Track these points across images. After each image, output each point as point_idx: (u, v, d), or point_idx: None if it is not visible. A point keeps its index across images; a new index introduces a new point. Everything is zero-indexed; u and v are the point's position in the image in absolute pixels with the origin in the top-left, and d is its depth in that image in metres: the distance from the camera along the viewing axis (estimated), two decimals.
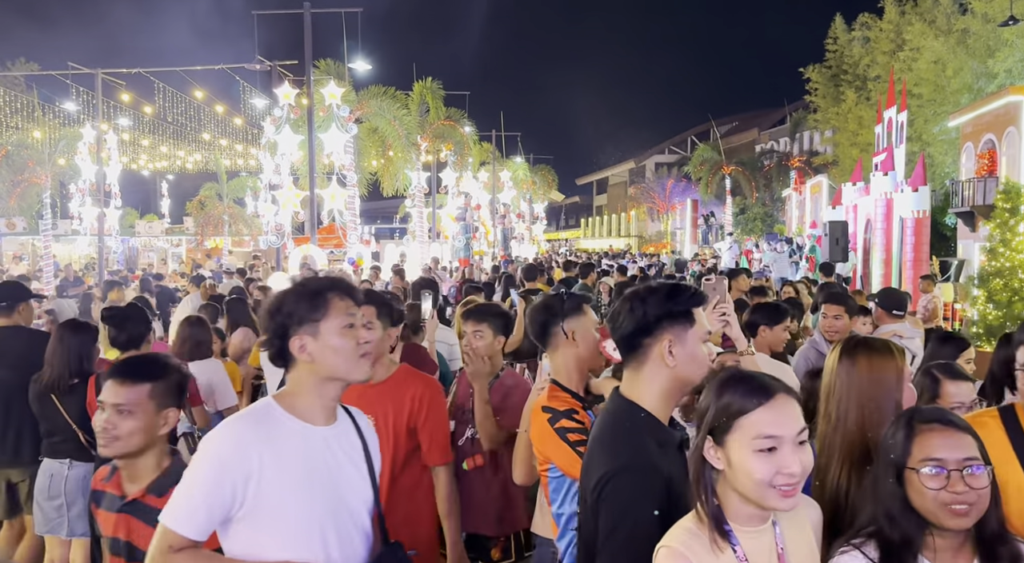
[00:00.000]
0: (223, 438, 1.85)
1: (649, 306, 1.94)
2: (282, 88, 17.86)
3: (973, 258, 16.07)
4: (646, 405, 1.93)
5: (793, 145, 36.47)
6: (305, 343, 1.91)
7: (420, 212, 22.44)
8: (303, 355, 1.91)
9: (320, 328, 1.90)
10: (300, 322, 1.90)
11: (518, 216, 39.69)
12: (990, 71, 17.72)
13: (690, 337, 1.93)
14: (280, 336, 1.92)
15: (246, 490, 1.80)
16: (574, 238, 69.05)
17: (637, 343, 1.94)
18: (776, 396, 1.59)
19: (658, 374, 1.93)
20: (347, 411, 2.08)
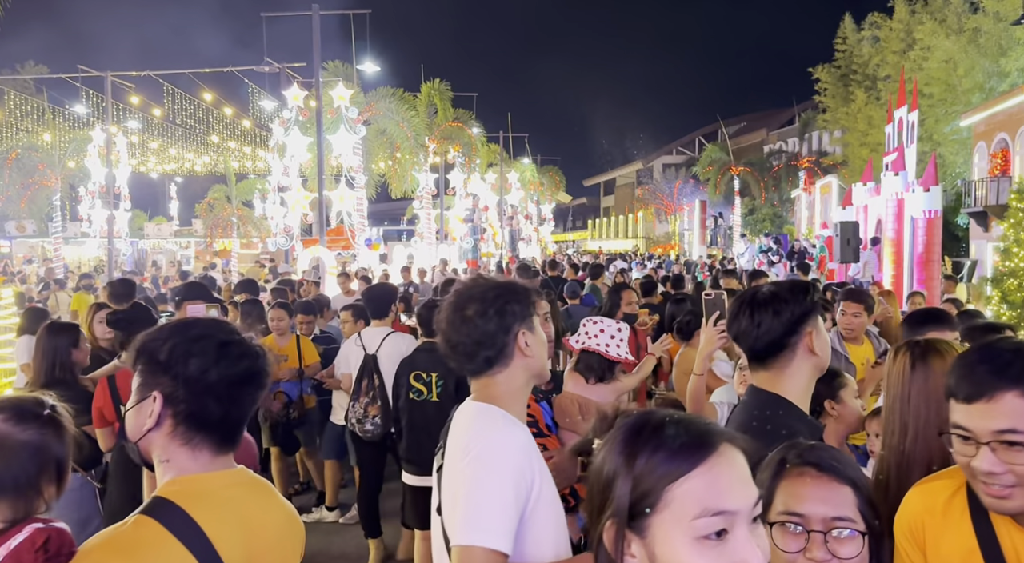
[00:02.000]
0: (507, 446, 1.77)
1: (795, 306, 2.00)
2: (291, 90, 17.88)
3: (986, 258, 15.95)
4: (792, 397, 1.99)
5: (802, 145, 36.33)
6: (527, 338, 1.89)
7: (428, 214, 22.43)
8: (527, 350, 1.89)
9: (533, 322, 1.92)
10: (523, 317, 1.89)
11: (526, 217, 39.66)
12: (1002, 70, 17.60)
13: (821, 325, 2.04)
14: (505, 332, 1.87)
15: (530, 494, 1.76)
16: (581, 239, 68.97)
17: (784, 343, 1.99)
18: (719, 448, 1.03)
19: (804, 367, 2.01)
20: None
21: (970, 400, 1.41)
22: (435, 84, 23.35)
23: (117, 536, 1.32)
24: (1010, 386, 1.38)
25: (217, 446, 1.45)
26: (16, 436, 1.47)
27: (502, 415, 1.84)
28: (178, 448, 1.43)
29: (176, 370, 1.41)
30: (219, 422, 1.44)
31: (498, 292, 1.89)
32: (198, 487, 1.41)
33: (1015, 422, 1.36)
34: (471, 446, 1.75)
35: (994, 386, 1.39)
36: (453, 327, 1.89)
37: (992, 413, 1.38)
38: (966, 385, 1.42)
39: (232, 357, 1.44)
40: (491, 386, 1.89)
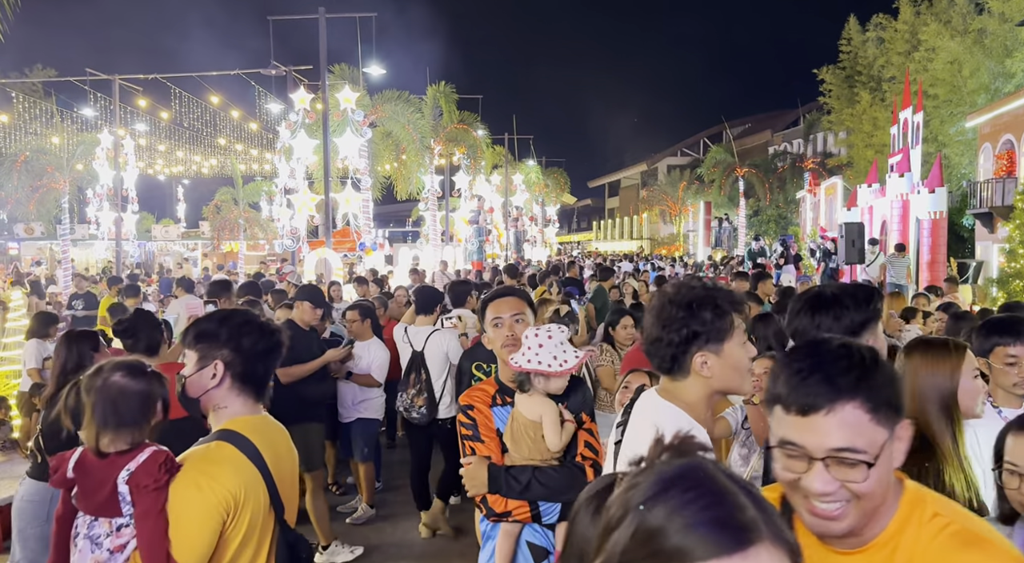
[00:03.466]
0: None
1: (855, 313, 2.09)
2: (297, 93, 17.99)
3: (991, 260, 15.93)
4: None
5: (807, 147, 36.28)
6: (707, 359, 1.89)
7: (433, 215, 22.51)
8: (704, 371, 1.90)
9: (721, 346, 1.90)
10: (707, 340, 1.88)
11: (531, 219, 39.70)
12: (1007, 71, 17.57)
13: (881, 334, 2.11)
14: (682, 352, 1.90)
15: None
16: (586, 241, 68.96)
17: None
18: (753, 546, 0.78)
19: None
20: None
21: (804, 413, 1.21)
22: (440, 87, 23.43)
23: (207, 452, 1.98)
24: (849, 397, 1.20)
25: (257, 396, 2.14)
26: (132, 387, 2.06)
27: (688, 421, 1.88)
28: (235, 398, 2.10)
29: (233, 343, 2.08)
30: (261, 379, 2.14)
31: (687, 311, 1.88)
32: (251, 424, 2.08)
33: (853, 439, 1.19)
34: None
35: (832, 397, 1.21)
36: (647, 327, 1.98)
37: (828, 427, 1.20)
38: (798, 395, 1.23)
39: (267, 334, 2.15)
40: (672, 389, 1.95)
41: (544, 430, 2.58)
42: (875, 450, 1.21)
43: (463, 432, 2.67)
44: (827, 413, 1.21)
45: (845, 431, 1.20)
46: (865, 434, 1.21)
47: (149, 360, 3.92)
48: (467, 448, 2.64)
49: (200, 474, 1.91)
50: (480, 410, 2.69)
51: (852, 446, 1.20)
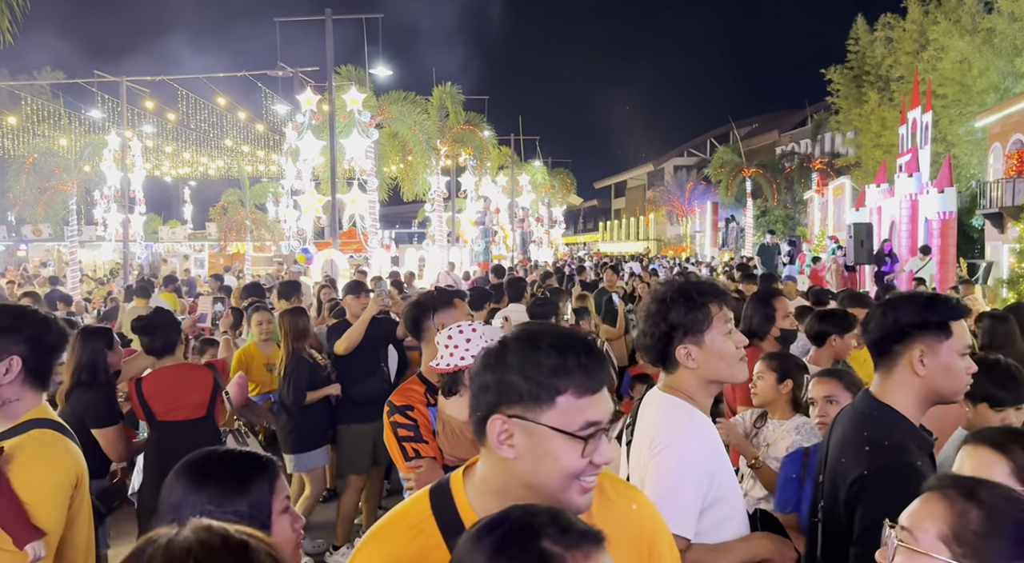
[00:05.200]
0: (691, 443, 1.93)
1: (901, 314, 1.98)
2: (304, 94, 18.00)
3: (1002, 260, 15.82)
4: (900, 409, 1.97)
5: (815, 147, 36.16)
6: (690, 350, 1.98)
7: (439, 216, 22.48)
8: (689, 362, 1.98)
9: (702, 336, 1.97)
10: (687, 331, 1.97)
11: (537, 220, 39.68)
12: (1017, 70, 17.47)
13: (944, 349, 1.94)
14: (664, 343, 2.00)
15: (711, 482, 1.91)
16: (592, 242, 68.91)
17: (886, 349, 1.99)
18: None
19: (908, 381, 1.96)
20: None
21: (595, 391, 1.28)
22: (446, 87, 23.42)
23: (42, 438, 2.15)
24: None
25: (43, 388, 2.28)
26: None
27: (688, 410, 1.98)
28: (28, 391, 2.22)
29: (31, 340, 2.20)
30: (47, 373, 2.28)
31: (660, 304, 1.99)
32: (48, 411, 2.27)
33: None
34: (658, 441, 1.93)
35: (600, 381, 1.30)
36: (638, 323, 2.09)
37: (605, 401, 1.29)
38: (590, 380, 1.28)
39: (60, 332, 2.30)
40: (671, 380, 2.04)
41: None
42: None
43: (403, 433, 2.62)
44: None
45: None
46: None
47: (163, 360, 3.96)
48: (410, 450, 2.60)
49: (45, 457, 2.12)
50: (420, 411, 2.67)
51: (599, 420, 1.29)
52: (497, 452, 1.28)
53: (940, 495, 1.29)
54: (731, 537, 1.96)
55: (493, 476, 1.32)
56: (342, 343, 5.25)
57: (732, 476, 2.03)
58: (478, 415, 1.30)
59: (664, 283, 2.11)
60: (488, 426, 1.28)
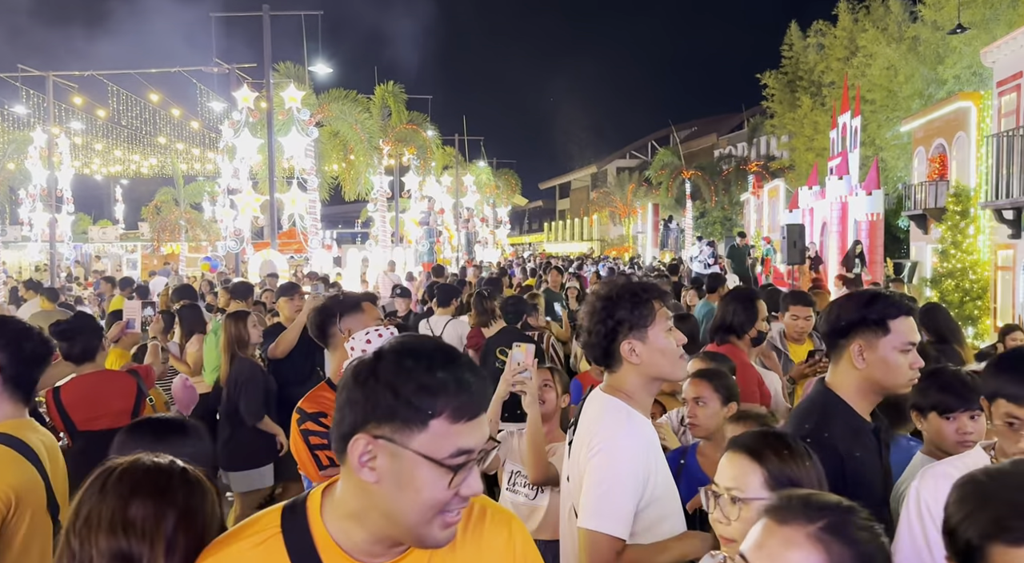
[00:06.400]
0: (628, 445, 1.97)
1: (844, 311, 2.12)
2: (241, 91, 17.59)
3: (925, 260, 16.50)
4: (844, 397, 2.11)
5: (751, 150, 37.07)
6: (634, 346, 2.03)
7: (383, 216, 22.27)
8: (632, 358, 2.03)
9: (645, 332, 2.03)
10: (631, 327, 2.02)
11: (482, 220, 39.66)
12: (940, 77, 18.20)
13: (882, 344, 2.05)
14: (609, 340, 2.04)
15: (647, 483, 1.96)
16: (538, 242, 69.24)
17: (833, 343, 2.15)
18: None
19: (850, 373, 2.10)
20: None
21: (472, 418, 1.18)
22: (389, 86, 23.22)
23: None
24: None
25: (25, 401, 2.18)
26: None
27: (627, 411, 2.02)
28: (6, 402, 2.12)
29: (10, 349, 2.12)
30: (30, 384, 2.20)
31: (606, 301, 2.04)
32: (23, 426, 2.14)
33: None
34: (595, 443, 1.97)
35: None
36: (581, 325, 2.13)
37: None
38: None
39: (42, 342, 2.24)
40: (613, 380, 2.08)
41: None
42: None
43: (316, 441, 2.54)
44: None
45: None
46: None
47: (82, 367, 3.80)
48: (323, 458, 2.52)
49: None
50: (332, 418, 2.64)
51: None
52: (357, 475, 1.16)
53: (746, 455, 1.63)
54: (667, 536, 2.00)
55: (351, 499, 1.21)
56: (277, 346, 5.14)
57: (668, 476, 2.07)
58: (340, 432, 1.18)
59: (606, 282, 2.15)
60: (350, 445, 1.16)
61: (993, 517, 1.17)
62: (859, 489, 1.92)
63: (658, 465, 2.03)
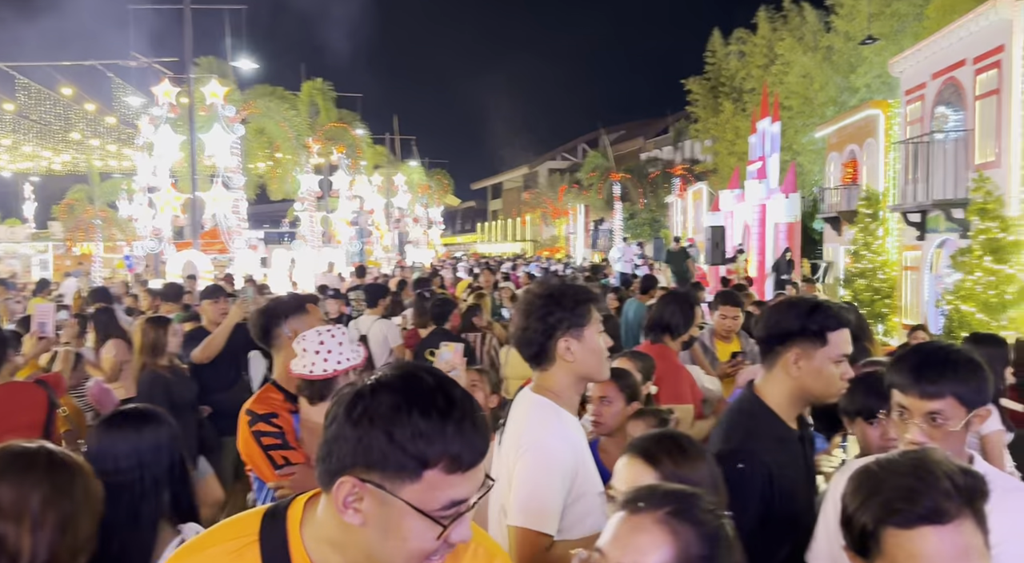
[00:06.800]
0: (555, 444, 2.00)
1: (784, 318, 2.14)
2: (161, 86, 16.99)
3: (839, 261, 17.23)
4: (771, 402, 2.14)
5: (676, 153, 37.95)
6: (570, 345, 2.06)
7: (311, 216, 21.86)
8: (567, 356, 2.06)
9: (581, 331, 2.07)
10: (568, 326, 2.06)
11: (414, 221, 39.38)
12: (852, 86, 19.06)
13: (819, 355, 2.08)
14: (546, 337, 2.06)
15: (575, 478, 1.99)
16: (470, 243, 69.19)
17: (769, 348, 2.16)
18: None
19: (783, 380, 2.13)
20: None
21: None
22: (317, 83, 22.81)
23: None
24: None
25: None
26: None
27: (554, 410, 2.07)
28: None
29: None
30: None
31: (546, 299, 2.08)
32: None
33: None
34: (523, 442, 2.01)
35: None
36: (514, 322, 2.16)
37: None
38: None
39: None
40: (543, 379, 2.11)
41: None
42: None
43: (269, 442, 2.55)
44: None
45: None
46: None
47: None
48: (279, 458, 2.53)
49: None
50: (284, 418, 2.61)
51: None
52: (340, 515, 1.10)
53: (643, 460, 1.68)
54: (593, 531, 2.02)
55: (332, 529, 1.15)
56: (201, 351, 4.96)
57: (595, 472, 2.11)
58: (327, 467, 1.11)
59: (543, 281, 2.19)
60: (336, 486, 1.09)
61: (884, 502, 1.24)
62: (786, 501, 2.04)
63: (585, 462, 2.07)
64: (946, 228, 11.87)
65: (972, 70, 11.29)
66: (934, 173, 11.99)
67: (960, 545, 1.20)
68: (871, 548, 1.26)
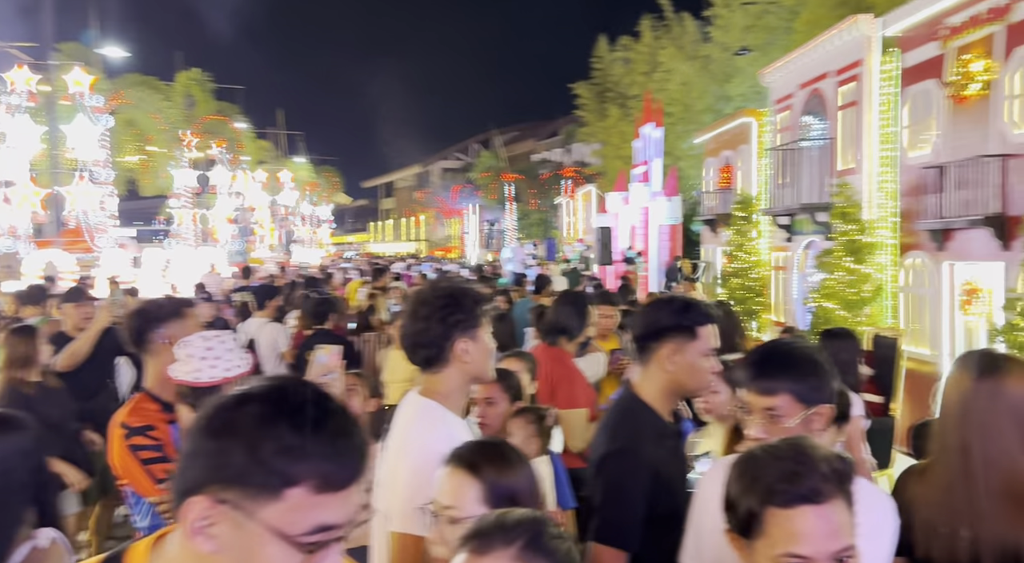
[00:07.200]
0: (439, 449, 1.90)
1: (659, 316, 2.23)
2: (19, 72, 15.71)
3: (716, 261, 18.04)
4: (648, 399, 2.21)
5: (567, 156, 38.72)
6: (467, 346, 2.05)
7: (187, 213, 20.79)
8: (464, 357, 2.05)
9: (477, 332, 2.07)
10: (465, 327, 2.05)
11: (301, 219, 38.27)
12: (727, 94, 20.03)
13: (690, 349, 2.16)
14: (445, 338, 2.04)
15: None
16: (362, 242, 67.99)
17: (644, 345, 2.22)
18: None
19: (658, 376, 2.20)
20: None
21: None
22: (194, 73, 21.71)
23: None
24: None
25: None
26: None
27: (441, 413, 2.05)
28: None
29: None
30: None
31: (446, 300, 2.06)
32: None
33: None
34: (407, 448, 2.00)
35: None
36: (405, 324, 2.12)
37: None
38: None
39: None
40: (432, 382, 2.09)
41: None
42: None
43: (147, 456, 2.44)
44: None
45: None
46: None
47: None
48: (159, 472, 2.42)
49: None
50: (162, 429, 2.51)
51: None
52: (189, 540, 0.96)
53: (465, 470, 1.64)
54: None
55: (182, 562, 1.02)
56: (65, 358, 4.65)
57: None
58: (179, 486, 0.97)
59: (430, 285, 2.19)
60: (185, 505, 0.96)
61: (767, 484, 1.32)
62: (668, 496, 2.14)
63: None
64: (812, 230, 12.64)
65: (835, 82, 12.08)
66: (801, 179, 12.75)
67: (834, 523, 1.29)
68: (753, 528, 1.33)
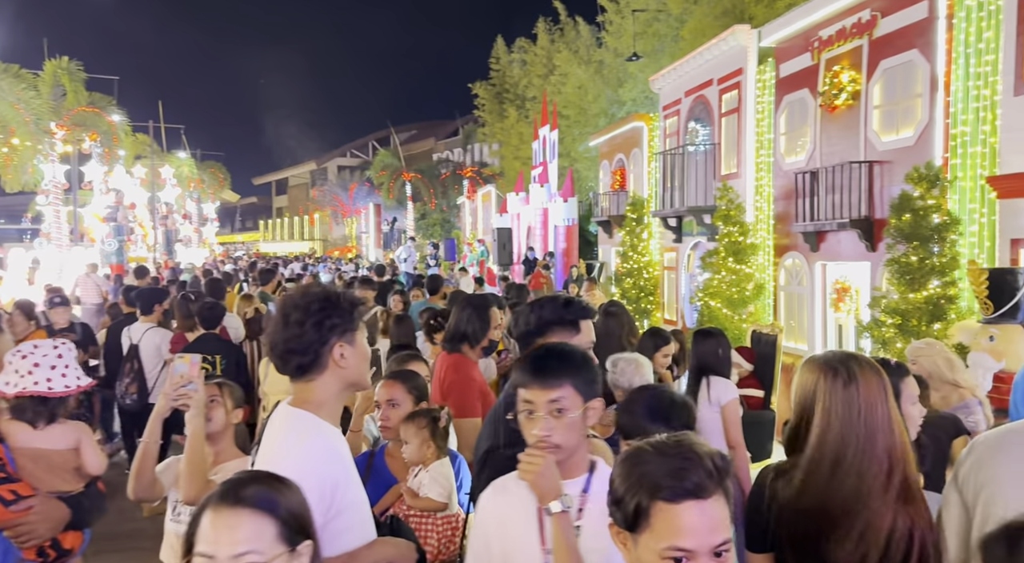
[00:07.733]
0: (312, 459, 1.91)
1: (544, 312, 2.42)
2: None
3: (611, 261, 18.44)
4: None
5: (466, 156, 38.68)
6: (344, 351, 2.01)
7: (57, 211, 19.30)
8: (342, 362, 2.00)
9: (354, 336, 2.03)
10: (343, 331, 2.00)
11: (184, 217, 36.44)
12: (620, 99, 20.51)
13: (574, 342, 2.27)
14: (321, 343, 1.98)
15: (335, 492, 1.92)
16: (253, 241, 65.53)
17: (529, 342, 2.35)
18: None
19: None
20: None
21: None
22: (63, 62, 20.19)
23: None
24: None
25: None
26: None
27: (314, 423, 1.99)
28: None
29: None
30: None
31: (322, 304, 2.00)
32: None
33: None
34: (277, 460, 1.90)
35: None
36: (275, 330, 2.02)
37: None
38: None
39: None
40: (306, 391, 2.02)
41: (84, 455, 2.58)
42: None
43: None
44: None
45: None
46: None
47: None
48: (7, 493, 2.31)
49: None
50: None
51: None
52: None
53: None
54: (355, 546, 1.99)
55: None
56: None
57: (358, 485, 2.05)
58: None
59: (300, 289, 2.10)
60: None
61: (654, 480, 1.37)
62: None
63: (348, 475, 2.00)
64: (698, 232, 13.10)
65: (717, 90, 12.56)
66: (688, 182, 13.19)
67: (716, 517, 1.35)
68: (640, 523, 1.38)
